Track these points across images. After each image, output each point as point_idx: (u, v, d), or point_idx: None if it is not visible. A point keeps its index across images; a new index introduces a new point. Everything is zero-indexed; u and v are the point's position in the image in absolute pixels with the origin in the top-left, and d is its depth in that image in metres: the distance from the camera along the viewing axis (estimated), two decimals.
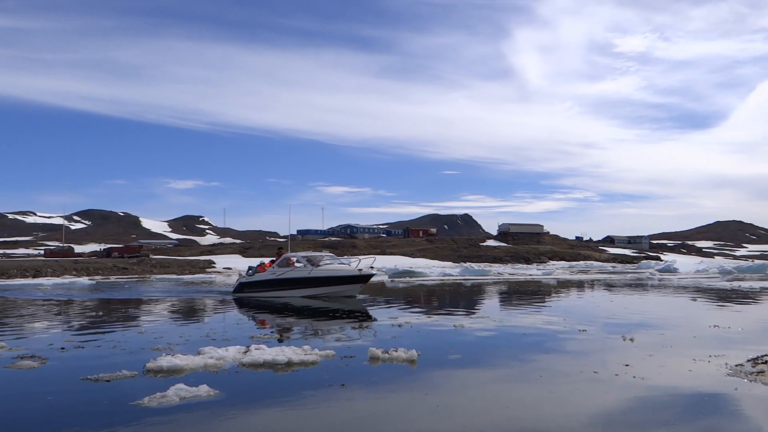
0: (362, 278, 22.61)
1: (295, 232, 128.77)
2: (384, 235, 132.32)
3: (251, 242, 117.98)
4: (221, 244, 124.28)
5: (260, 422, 5.96)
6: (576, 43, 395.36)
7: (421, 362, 8.74)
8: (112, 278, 40.87)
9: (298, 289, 22.53)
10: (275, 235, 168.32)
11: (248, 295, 23.13)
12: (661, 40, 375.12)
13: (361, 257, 26.92)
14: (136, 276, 43.32)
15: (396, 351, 8.99)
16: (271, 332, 12.94)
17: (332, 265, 23.81)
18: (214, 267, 57.24)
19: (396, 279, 39.08)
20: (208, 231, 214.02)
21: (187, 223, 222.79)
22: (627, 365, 8.42)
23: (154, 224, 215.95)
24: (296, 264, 23.28)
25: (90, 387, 7.27)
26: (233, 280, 40.55)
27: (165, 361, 8.36)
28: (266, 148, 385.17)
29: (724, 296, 22.91)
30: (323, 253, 25.85)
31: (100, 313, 17.20)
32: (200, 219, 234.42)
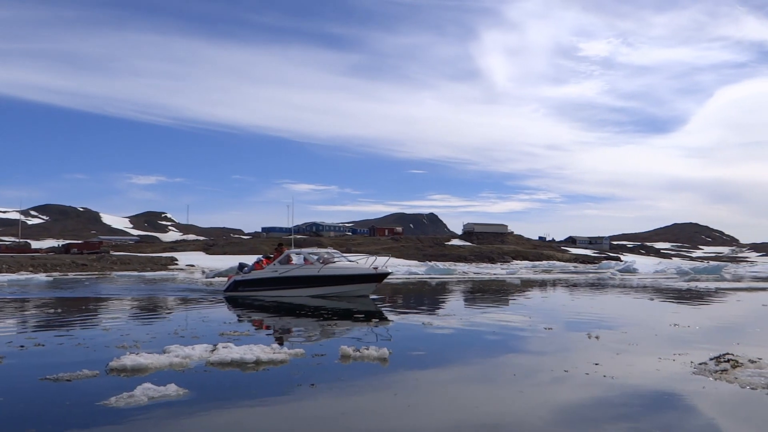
0: (377, 277, 21.32)
1: (260, 230, 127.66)
2: (350, 234, 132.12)
3: (215, 239, 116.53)
4: (184, 240, 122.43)
5: (232, 422, 5.83)
6: (542, 46, 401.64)
7: (393, 360, 8.71)
8: (71, 275, 39.90)
9: (306, 288, 21.19)
10: (239, 232, 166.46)
11: (244, 295, 21.83)
12: (624, 46, 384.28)
13: (377, 256, 25.31)
14: (96, 273, 42.37)
15: (367, 349, 8.96)
16: (242, 330, 12.72)
17: (342, 262, 22.52)
18: (176, 264, 56.41)
19: None
20: (170, 227, 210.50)
21: (149, 219, 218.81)
22: (597, 364, 8.51)
23: (115, 220, 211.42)
24: (294, 260, 22.02)
25: (49, 387, 7.02)
26: (197, 277, 39.97)
27: (129, 359, 8.15)
28: (232, 145, 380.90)
29: (682, 296, 23.49)
30: (329, 250, 24.04)
31: (59, 311, 16.73)
32: (162, 215, 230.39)
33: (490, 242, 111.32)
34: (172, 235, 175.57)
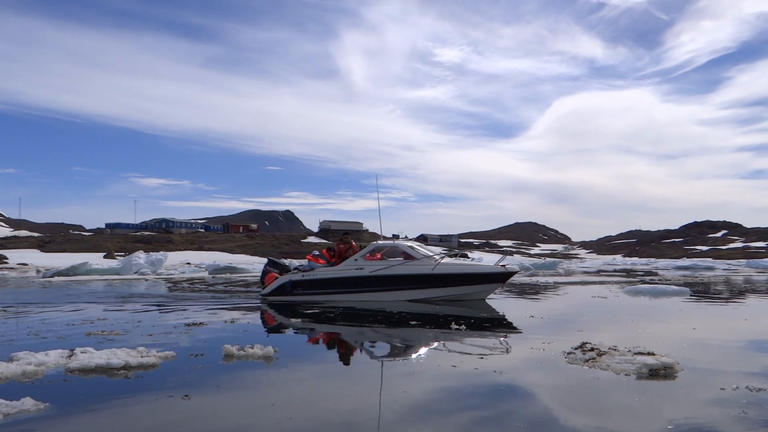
0: (504, 276, 18.44)
1: (104, 226, 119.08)
2: (202, 230, 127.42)
3: (52, 236, 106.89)
4: (15, 237, 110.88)
5: None
6: (399, 50, 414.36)
7: (278, 358, 8.49)
8: None
9: (409, 290, 17.85)
10: (80, 228, 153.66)
11: (304, 299, 18.13)
12: (475, 54, 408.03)
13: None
14: None
15: (252, 348, 8.66)
16: (110, 329, 11.46)
17: (446, 259, 19.07)
18: (6, 263, 51.12)
19: (217, 275, 37.74)
20: None
21: None
22: (482, 357, 8.68)
23: None
24: (381, 256, 18.48)
25: None
26: (32, 275, 36.37)
27: None
28: (73, 134, 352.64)
29: (527, 289, 25.20)
30: (414, 243, 20.40)
31: None
32: None
33: None
34: (2, 231, 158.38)
